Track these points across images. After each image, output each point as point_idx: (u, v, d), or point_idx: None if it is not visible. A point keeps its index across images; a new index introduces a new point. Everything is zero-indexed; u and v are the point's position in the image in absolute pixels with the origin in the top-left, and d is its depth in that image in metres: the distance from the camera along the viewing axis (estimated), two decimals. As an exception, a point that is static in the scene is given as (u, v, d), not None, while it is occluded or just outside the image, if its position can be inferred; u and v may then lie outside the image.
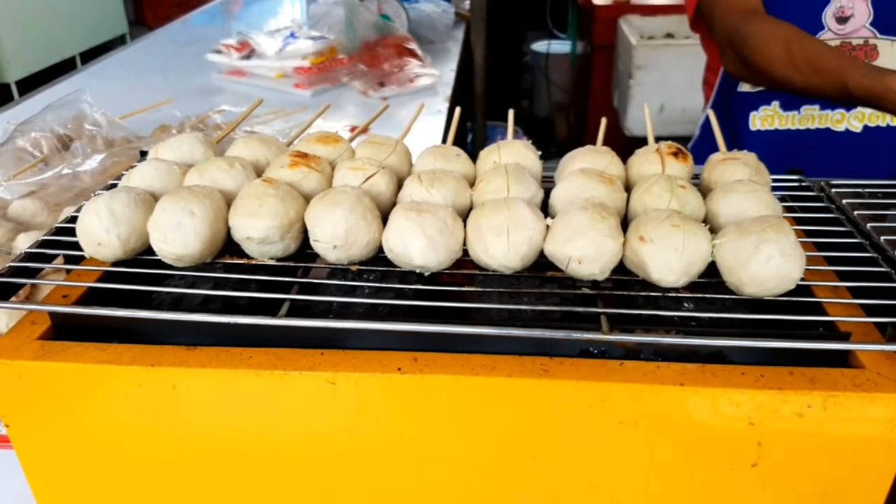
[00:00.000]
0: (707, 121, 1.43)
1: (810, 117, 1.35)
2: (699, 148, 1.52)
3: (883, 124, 1.33)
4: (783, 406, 0.57)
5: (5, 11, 4.11)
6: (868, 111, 1.32)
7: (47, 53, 4.49)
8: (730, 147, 0.81)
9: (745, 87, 1.36)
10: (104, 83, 2.09)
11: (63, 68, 4.08)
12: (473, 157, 0.82)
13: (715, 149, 0.81)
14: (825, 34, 1.26)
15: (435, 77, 2.07)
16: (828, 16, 1.25)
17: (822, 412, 0.57)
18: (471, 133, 3.08)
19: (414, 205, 0.66)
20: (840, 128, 1.34)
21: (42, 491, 0.67)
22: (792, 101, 1.34)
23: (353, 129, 1.69)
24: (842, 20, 1.24)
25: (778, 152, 1.33)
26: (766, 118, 1.36)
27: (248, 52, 2.09)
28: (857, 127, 1.34)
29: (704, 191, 0.75)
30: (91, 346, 0.62)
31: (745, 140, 1.38)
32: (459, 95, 2.28)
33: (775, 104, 1.35)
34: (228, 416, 0.62)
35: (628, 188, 0.75)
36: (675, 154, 0.76)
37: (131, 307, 0.62)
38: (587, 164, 0.77)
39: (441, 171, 0.74)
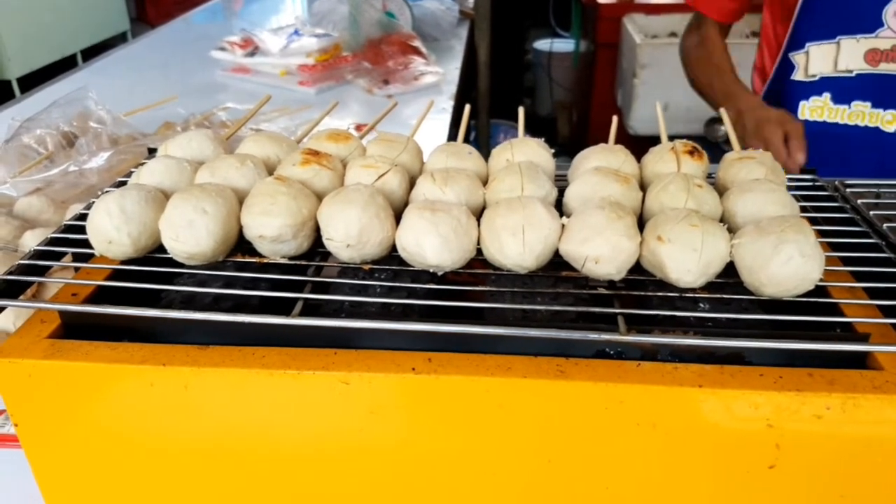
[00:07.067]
0: None
1: (860, 114, 1.30)
2: None
3: None
4: (802, 408, 0.56)
5: (6, 8, 4.10)
6: None
7: (48, 50, 4.48)
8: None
9: (797, 76, 1.33)
10: (106, 80, 2.07)
11: (64, 66, 4.07)
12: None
13: None
14: (884, 31, 1.22)
15: (439, 75, 2.06)
16: (889, 14, 1.21)
17: (841, 414, 0.56)
18: (474, 131, 3.07)
19: (428, 203, 0.66)
20: (890, 129, 1.29)
21: (51, 491, 0.66)
22: (842, 94, 1.30)
23: (358, 126, 1.68)
24: None
25: (824, 145, 1.28)
26: (815, 109, 1.32)
27: (252, 49, 2.08)
28: None
29: (720, 190, 0.75)
30: (101, 345, 0.61)
31: None
32: (463, 93, 2.27)
33: (826, 96, 1.31)
34: (241, 416, 0.62)
35: (643, 187, 0.74)
36: (691, 152, 0.75)
37: (142, 306, 0.62)
38: (601, 163, 0.76)
39: (454, 170, 0.73)
